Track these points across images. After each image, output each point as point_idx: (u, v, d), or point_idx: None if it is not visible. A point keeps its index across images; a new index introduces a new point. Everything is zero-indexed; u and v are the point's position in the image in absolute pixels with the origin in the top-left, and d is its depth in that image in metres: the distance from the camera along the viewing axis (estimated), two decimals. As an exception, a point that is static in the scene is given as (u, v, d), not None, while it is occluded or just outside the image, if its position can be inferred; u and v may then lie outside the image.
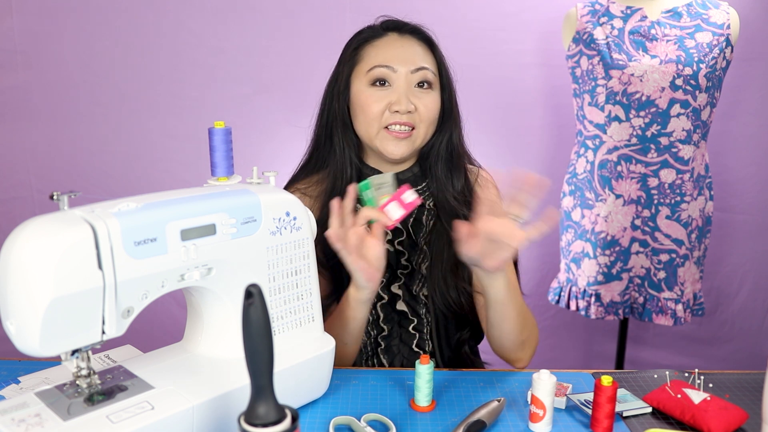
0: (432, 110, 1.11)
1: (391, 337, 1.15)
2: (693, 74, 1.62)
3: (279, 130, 2.01)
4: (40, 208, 2.05)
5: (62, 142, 2.03)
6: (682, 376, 1.04)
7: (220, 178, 0.90)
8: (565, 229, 1.87)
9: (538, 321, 1.07)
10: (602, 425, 0.87)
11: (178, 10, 1.95)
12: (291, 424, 0.65)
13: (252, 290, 0.62)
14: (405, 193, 0.96)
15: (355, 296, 0.99)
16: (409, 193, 0.96)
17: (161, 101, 2.02)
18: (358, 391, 0.98)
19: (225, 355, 0.86)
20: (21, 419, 0.71)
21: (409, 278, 1.14)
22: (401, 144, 1.09)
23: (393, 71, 1.08)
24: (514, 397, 0.97)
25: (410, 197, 0.96)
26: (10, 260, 0.66)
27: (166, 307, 2.03)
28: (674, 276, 1.75)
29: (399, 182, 1.16)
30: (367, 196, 0.97)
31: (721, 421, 0.87)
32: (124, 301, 0.72)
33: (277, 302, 0.89)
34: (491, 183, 1.23)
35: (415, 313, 1.15)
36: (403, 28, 1.14)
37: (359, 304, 1.00)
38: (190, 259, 0.77)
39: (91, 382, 0.77)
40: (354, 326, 1.03)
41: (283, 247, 0.88)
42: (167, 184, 2.00)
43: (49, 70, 1.98)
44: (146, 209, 0.73)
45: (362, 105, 1.10)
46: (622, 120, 1.68)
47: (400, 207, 0.95)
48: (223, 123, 0.89)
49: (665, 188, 1.70)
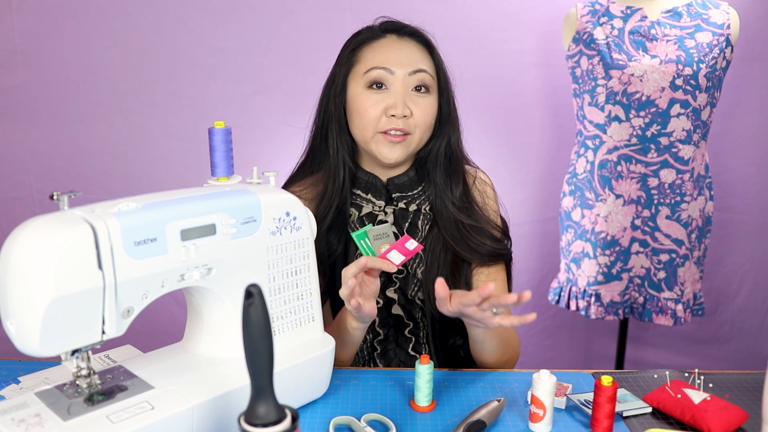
0: (428, 115, 1.09)
1: (387, 341, 1.15)
2: (693, 74, 1.62)
3: (279, 130, 2.01)
4: (40, 208, 2.05)
5: (62, 142, 2.03)
6: (682, 376, 1.04)
7: (220, 178, 0.90)
8: (565, 229, 1.87)
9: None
10: (602, 425, 0.87)
11: (178, 10, 1.95)
12: (291, 424, 0.65)
13: (252, 290, 0.62)
14: (407, 242, 0.96)
15: (354, 326, 1.00)
16: (411, 242, 0.97)
17: (161, 101, 2.02)
18: (358, 391, 0.98)
19: (225, 355, 0.86)
20: (21, 419, 0.71)
21: (404, 282, 1.14)
22: (396, 148, 1.08)
23: (390, 73, 1.07)
24: (514, 397, 0.97)
25: (412, 246, 0.96)
26: (10, 260, 0.66)
27: (166, 307, 2.03)
28: (674, 276, 1.75)
29: (395, 186, 1.16)
30: (365, 245, 0.97)
31: (721, 421, 0.87)
32: (124, 301, 0.72)
33: (277, 302, 0.89)
34: (489, 185, 1.22)
35: (411, 317, 1.15)
36: (402, 30, 1.12)
37: (358, 331, 1.01)
38: (190, 259, 0.77)
39: (91, 382, 0.77)
40: (351, 347, 1.05)
41: (283, 247, 0.88)
42: (167, 184, 2.00)
43: (49, 70, 1.98)
44: (146, 209, 0.73)
45: (358, 108, 1.08)
46: (622, 120, 1.68)
47: (401, 254, 0.95)
48: (223, 123, 0.89)
49: (665, 188, 1.70)
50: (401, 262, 0.94)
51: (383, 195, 1.15)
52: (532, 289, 2.16)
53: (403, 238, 0.97)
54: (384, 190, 1.15)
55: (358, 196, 1.15)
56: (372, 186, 1.15)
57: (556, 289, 1.91)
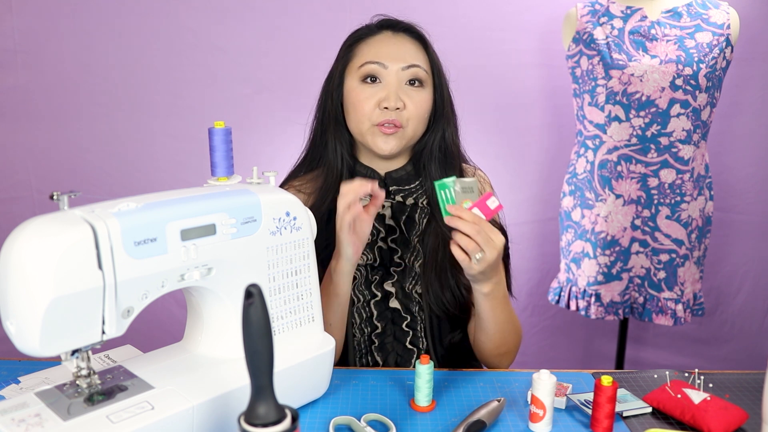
0: (421, 108, 1.11)
1: (384, 335, 1.15)
2: (693, 74, 1.62)
3: (279, 130, 2.01)
4: (40, 208, 2.05)
5: (62, 142, 2.03)
6: (682, 376, 1.04)
7: (220, 178, 0.90)
8: (565, 229, 1.87)
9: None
10: (602, 425, 0.87)
11: (178, 10, 1.95)
12: (291, 424, 0.65)
13: (252, 290, 0.62)
14: (490, 199, 0.92)
15: (338, 268, 1.01)
16: (493, 200, 0.92)
17: (161, 101, 2.02)
18: (358, 391, 0.98)
19: (225, 355, 0.86)
20: (21, 419, 0.71)
21: (402, 276, 1.15)
22: (390, 140, 1.09)
23: (384, 68, 1.09)
24: (514, 397, 0.97)
25: (494, 204, 0.92)
26: (10, 260, 0.66)
27: (166, 307, 2.03)
28: (674, 276, 1.75)
29: (393, 180, 1.16)
30: (447, 195, 0.93)
31: (721, 421, 0.87)
32: (124, 301, 0.72)
33: (277, 302, 0.89)
34: (487, 182, 1.24)
35: (408, 310, 1.15)
36: (397, 27, 1.14)
37: (342, 276, 1.02)
38: (190, 259, 0.77)
39: (91, 382, 0.77)
40: (338, 303, 1.05)
41: (283, 247, 0.88)
42: (167, 184, 2.00)
43: (49, 70, 1.98)
44: (146, 209, 0.73)
45: (353, 101, 1.11)
46: (622, 120, 1.68)
47: (482, 213, 0.92)
48: (223, 123, 0.89)
49: (665, 188, 1.70)
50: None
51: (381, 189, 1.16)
52: (532, 289, 2.17)
53: (485, 195, 0.93)
54: (382, 184, 1.16)
55: None
56: (370, 180, 1.15)
57: (556, 289, 1.91)
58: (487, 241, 0.91)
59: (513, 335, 1.11)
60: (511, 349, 1.13)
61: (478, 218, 0.91)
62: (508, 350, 1.12)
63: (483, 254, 0.91)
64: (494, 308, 1.03)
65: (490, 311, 1.03)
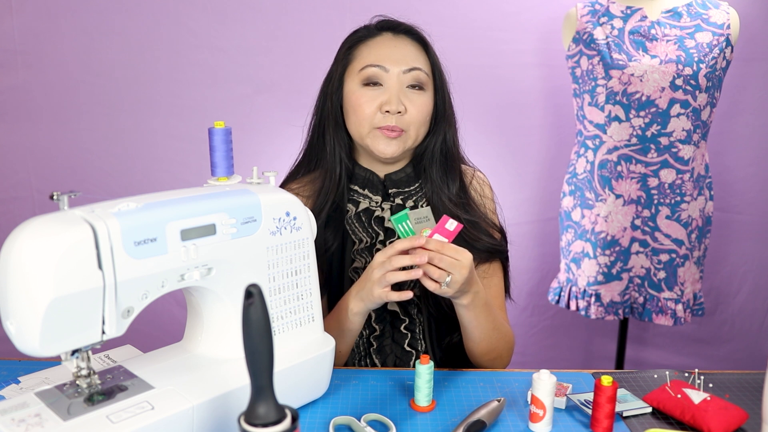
0: (423, 112, 1.10)
1: (383, 337, 1.15)
2: (693, 74, 1.62)
3: (279, 130, 2.01)
4: (40, 208, 2.05)
5: (62, 142, 2.03)
6: (682, 376, 1.04)
7: (220, 178, 0.90)
8: (565, 229, 1.88)
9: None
10: (602, 425, 0.87)
11: (178, 10, 1.95)
12: (291, 424, 0.65)
13: (252, 290, 0.62)
14: (447, 223, 0.95)
15: (355, 310, 1.00)
16: (450, 222, 0.95)
17: (162, 101, 2.02)
18: (358, 391, 0.98)
19: (225, 355, 0.86)
20: (21, 419, 0.71)
21: None
22: (392, 143, 1.09)
23: (385, 71, 1.08)
24: (514, 397, 0.97)
25: (452, 225, 0.95)
26: (10, 260, 0.66)
27: (166, 307, 2.03)
28: (674, 276, 1.75)
29: (392, 182, 1.16)
30: (405, 228, 0.96)
31: (721, 421, 0.87)
32: (124, 301, 0.72)
33: (277, 302, 0.89)
34: (487, 184, 1.24)
35: (407, 313, 1.15)
36: (398, 28, 1.13)
37: (358, 316, 1.01)
38: (190, 259, 0.77)
39: (91, 382, 0.77)
40: (350, 336, 1.05)
41: (283, 247, 0.88)
42: (167, 184, 2.00)
43: (49, 70, 1.98)
44: (146, 209, 0.73)
45: (354, 105, 1.10)
46: (622, 120, 1.68)
47: (443, 237, 0.94)
48: (223, 123, 0.89)
49: (665, 188, 1.70)
50: None
51: (380, 191, 1.16)
52: (532, 289, 2.17)
53: (442, 219, 0.95)
54: (381, 186, 1.16)
55: (356, 192, 1.16)
56: (369, 182, 1.16)
57: (556, 289, 1.91)
58: (452, 264, 0.91)
59: (500, 341, 1.09)
60: (502, 354, 1.12)
61: (440, 244, 0.92)
62: (499, 355, 1.11)
63: (452, 276, 0.91)
64: (477, 317, 1.02)
65: (474, 320, 1.03)
